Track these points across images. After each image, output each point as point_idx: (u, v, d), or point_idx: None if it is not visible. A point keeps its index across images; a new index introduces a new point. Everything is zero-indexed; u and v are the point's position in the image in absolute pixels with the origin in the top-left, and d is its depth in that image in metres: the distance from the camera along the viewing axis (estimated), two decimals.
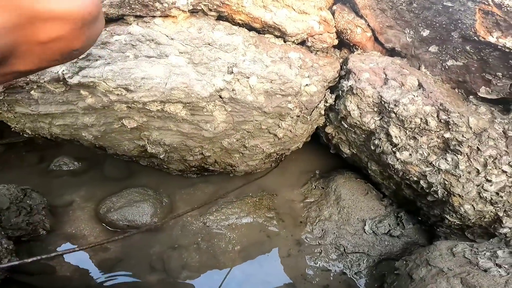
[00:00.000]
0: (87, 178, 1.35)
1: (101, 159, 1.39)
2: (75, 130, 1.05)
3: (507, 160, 0.78)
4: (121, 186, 1.30)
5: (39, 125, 1.07)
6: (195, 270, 1.14)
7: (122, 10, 0.87)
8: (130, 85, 0.89)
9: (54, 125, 1.05)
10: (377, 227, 1.06)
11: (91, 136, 1.06)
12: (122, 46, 0.90)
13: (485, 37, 0.78)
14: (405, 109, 0.85)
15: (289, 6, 1.00)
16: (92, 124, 1.02)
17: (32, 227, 1.17)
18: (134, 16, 0.89)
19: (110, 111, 0.98)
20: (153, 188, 1.27)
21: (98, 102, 0.95)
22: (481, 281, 0.70)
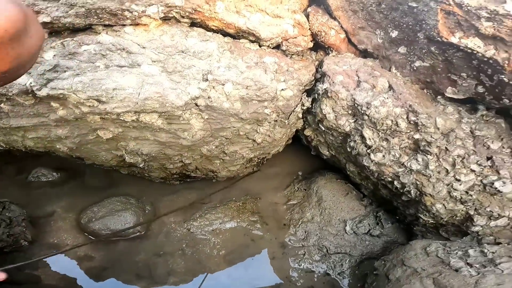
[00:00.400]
0: (67, 189, 1.33)
1: (81, 168, 1.37)
2: (49, 143, 1.03)
3: (475, 159, 0.80)
4: (102, 195, 1.29)
5: (13, 138, 1.04)
6: (181, 276, 1.14)
7: (89, 20, 0.84)
8: (101, 96, 0.88)
9: (27, 138, 1.02)
10: (358, 227, 1.08)
11: (66, 148, 1.04)
12: (91, 56, 0.88)
13: (448, 37, 0.79)
14: (377, 112, 0.86)
15: (263, 11, 0.99)
16: (66, 136, 1.00)
17: (13, 239, 1.16)
18: (103, 25, 0.87)
19: (83, 122, 0.96)
20: (135, 196, 1.26)
21: (70, 114, 0.93)
22: (452, 281, 0.71)
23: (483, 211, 0.80)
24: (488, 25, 0.71)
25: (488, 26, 0.71)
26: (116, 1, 0.85)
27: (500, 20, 0.70)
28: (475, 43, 0.74)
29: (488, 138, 0.81)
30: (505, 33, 0.70)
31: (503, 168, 0.78)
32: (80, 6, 0.81)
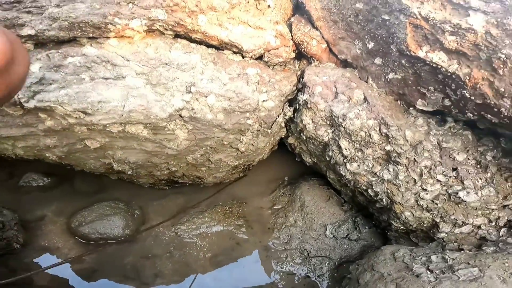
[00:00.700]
0: (57, 193, 1.38)
1: (71, 174, 1.41)
2: (38, 151, 1.08)
3: (441, 170, 0.85)
4: (92, 200, 1.34)
5: (3, 147, 1.09)
6: (168, 277, 1.20)
7: (73, 33, 0.88)
8: (87, 108, 0.92)
9: (17, 147, 1.07)
10: (337, 231, 1.13)
11: (55, 157, 1.09)
12: (76, 68, 0.92)
13: (416, 51, 0.83)
14: (352, 123, 0.91)
15: (245, 23, 1.04)
16: (55, 145, 1.05)
17: (6, 242, 1.21)
18: (87, 37, 0.91)
19: (71, 132, 0.99)
20: (125, 201, 1.31)
21: (58, 125, 0.97)
22: (412, 286, 0.76)
23: (448, 219, 0.87)
24: (452, 39, 0.76)
25: (451, 40, 0.76)
26: (99, 15, 0.89)
27: (463, 34, 0.74)
28: (440, 57, 0.79)
29: (454, 150, 0.86)
30: (468, 47, 0.75)
31: (467, 178, 0.84)
32: (63, 19, 0.85)
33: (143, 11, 0.89)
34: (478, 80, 0.74)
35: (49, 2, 0.89)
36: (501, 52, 0.69)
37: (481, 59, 0.73)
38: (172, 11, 0.91)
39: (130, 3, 0.91)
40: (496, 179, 0.85)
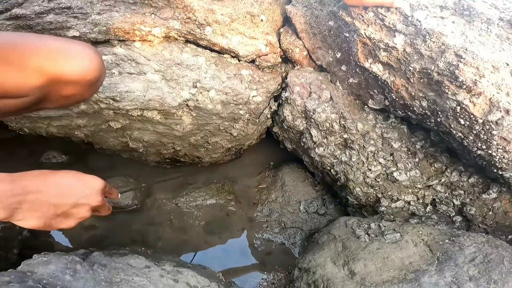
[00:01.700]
0: (74, 169, 1.78)
1: (86, 153, 1.83)
2: (69, 130, 1.51)
3: (382, 154, 1.28)
4: (104, 176, 1.71)
5: (38, 125, 1.50)
6: (168, 241, 1.61)
7: (108, 36, 1.30)
8: (116, 96, 1.36)
9: (52, 126, 1.50)
10: (309, 207, 1.57)
11: (83, 135, 1.53)
12: (108, 64, 1.35)
13: (364, 63, 1.22)
14: (319, 116, 1.33)
15: (242, 33, 1.48)
16: (84, 125, 1.48)
17: None
18: (118, 40, 1.34)
19: (99, 115, 1.43)
20: (133, 177, 1.76)
21: (90, 109, 1.41)
22: (352, 244, 1.18)
23: (387, 195, 1.30)
24: (384, 55, 1.16)
25: (384, 55, 1.16)
26: (129, 23, 1.32)
27: (390, 50, 1.13)
28: (378, 68, 1.20)
29: (392, 139, 1.30)
30: (393, 61, 1.15)
31: (400, 162, 1.28)
32: (102, 25, 1.29)
33: (163, 21, 1.33)
34: (399, 86, 1.17)
35: (92, 10, 1.31)
36: (411, 65, 1.10)
37: (401, 70, 1.15)
38: (185, 23, 1.35)
39: (153, 14, 1.35)
40: (422, 164, 1.29)
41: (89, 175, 0.78)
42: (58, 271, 0.98)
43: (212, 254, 1.61)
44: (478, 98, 0.97)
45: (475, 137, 1.03)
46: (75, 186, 0.75)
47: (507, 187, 1.13)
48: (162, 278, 1.17)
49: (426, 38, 1.04)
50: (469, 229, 1.22)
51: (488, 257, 1.03)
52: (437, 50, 1.03)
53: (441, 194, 1.26)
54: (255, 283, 1.52)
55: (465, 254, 1.05)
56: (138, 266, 1.20)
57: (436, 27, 1.02)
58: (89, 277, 1.01)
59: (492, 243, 1.06)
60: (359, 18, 1.19)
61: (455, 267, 1.04)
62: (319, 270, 1.24)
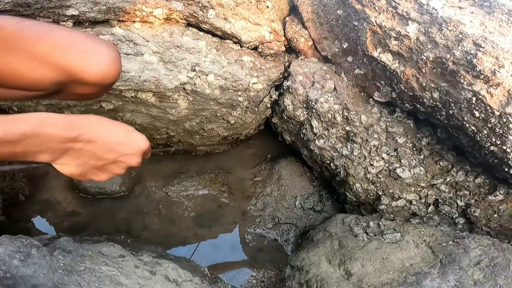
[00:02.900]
0: None
1: None
2: (59, 109, 1.44)
3: (385, 149, 1.23)
4: None
5: (27, 104, 1.44)
6: (154, 231, 1.55)
7: (107, 16, 1.25)
8: None
9: (41, 104, 1.43)
10: (305, 202, 1.52)
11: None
12: None
13: (372, 52, 1.19)
14: (321, 107, 1.29)
15: (246, 19, 1.42)
16: (75, 105, 1.41)
17: (14, 192, 1.53)
18: (118, 20, 1.29)
19: None
20: None
21: None
22: (350, 242, 1.14)
23: (388, 192, 1.25)
24: (395, 43, 1.13)
25: (395, 44, 1.13)
26: (131, 2, 1.26)
27: (402, 39, 1.11)
28: (387, 57, 1.17)
29: (397, 134, 1.25)
30: (404, 50, 1.12)
31: (404, 158, 1.23)
32: (103, 4, 1.23)
33: (165, 2, 1.27)
34: (409, 77, 1.13)
35: None
36: (424, 55, 1.07)
37: (412, 59, 1.11)
38: (188, 5, 1.29)
39: None
40: (427, 161, 1.24)
41: (138, 133, 0.75)
42: (5, 255, 0.88)
43: (200, 248, 1.54)
44: (496, 89, 0.93)
45: (489, 131, 0.99)
46: (122, 143, 0.72)
47: None
48: (137, 269, 1.08)
49: (443, 27, 1.01)
50: (471, 232, 1.17)
51: (494, 261, 0.98)
52: (453, 39, 0.99)
53: (445, 194, 1.21)
54: (243, 280, 1.47)
55: (470, 257, 1.00)
56: (111, 254, 1.11)
57: (454, 16, 0.98)
58: (44, 263, 0.92)
59: (498, 246, 1.01)
60: (370, 5, 1.14)
61: (459, 271, 0.99)
62: (313, 269, 1.18)
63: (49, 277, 0.88)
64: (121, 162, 0.75)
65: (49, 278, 0.88)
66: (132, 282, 1.01)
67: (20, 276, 0.85)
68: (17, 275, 0.84)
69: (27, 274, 0.86)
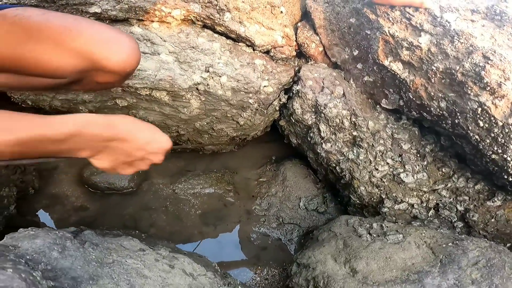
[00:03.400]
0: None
1: None
2: (74, 104, 1.49)
3: (390, 155, 1.31)
4: None
5: (42, 98, 1.48)
6: (161, 228, 1.61)
7: (128, 14, 1.31)
8: None
9: (57, 99, 1.47)
10: (309, 204, 1.58)
11: (87, 110, 1.50)
12: None
13: (383, 61, 1.26)
14: (330, 111, 1.36)
15: (260, 23, 1.49)
16: (90, 101, 1.46)
17: (24, 185, 1.56)
18: (137, 19, 1.34)
19: (107, 92, 1.41)
20: None
21: None
22: (354, 242, 1.20)
23: (391, 196, 1.32)
24: (406, 53, 1.20)
25: (406, 54, 1.20)
26: (152, 2, 1.32)
27: (414, 49, 1.18)
28: (398, 66, 1.24)
29: (402, 140, 1.32)
30: (415, 60, 1.19)
31: (408, 163, 1.30)
32: (125, 3, 1.28)
33: (184, 3, 1.33)
34: (418, 86, 1.21)
35: None
36: (434, 65, 1.14)
37: (422, 69, 1.19)
38: (206, 7, 1.35)
39: None
40: (429, 167, 1.32)
41: (162, 134, 0.83)
42: (45, 247, 0.90)
43: (206, 245, 1.60)
44: (500, 100, 1.01)
45: (492, 140, 1.06)
46: (150, 142, 0.80)
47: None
48: (157, 263, 1.13)
49: (454, 39, 1.08)
50: (469, 235, 1.25)
51: (490, 262, 1.05)
52: (464, 51, 1.06)
53: (445, 199, 1.28)
54: (248, 277, 1.52)
55: (469, 257, 1.07)
56: (132, 248, 1.15)
57: (466, 29, 1.06)
58: (79, 255, 0.95)
59: (495, 248, 1.08)
60: (384, 16, 1.22)
61: (458, 270, 1.05)
62: (319, 266, 1.24)
63: (85, 269, 0.92)
64: (147, 159, 0.83)
65: (85, 270, 0.91)
66: (154, 275, 1.07)
67: (59, 269, 0.87)
68: (57, 267, 0.87)
69: (65, 266, 0.89)
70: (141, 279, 1.01)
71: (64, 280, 0.86)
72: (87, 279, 0.89)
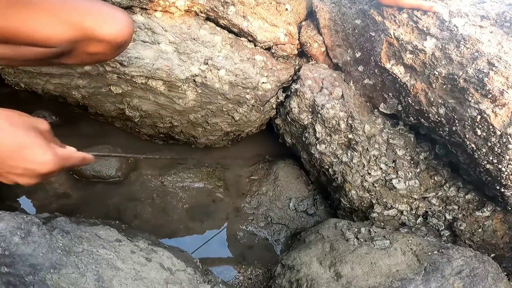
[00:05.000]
0: (62, 132, 1.73)
1: (77, 117, 1.83)
2: (67, 89, 1.54)
3: (384, 160, 1.38)
4: (92, 143, 1.75)
5: (36, 81, 1.53)
6: (145, 220, 1.66)
7: (132, 2, 1.36)
8: (124, 61, 1.40)
9: (50, 83, 1.52)
10: (299, 205, 1.66)
11: (80, 95, 1.56)
12: None
13: (385, 63, 1.32)
14: (327, 112, 1.43)
15: (264, 19, 1.55)
16: (84, 86, 1.52)
17: None
18: (140, 8, 1.40)
19: (102, 78, 1.47)
20: (122, 148, 1.79)
21: (94, 70, 1.44)
22: (341, 246, 1.28)
23: (381, 201, 1.39)
24: (410, 57, 1.26)
25: (409, 58, 1.26)
26: None
27: (417, 53, 1.24)
28: (399, 70, 1.30)
29: (397, 146, 1.40)
30: (418, 64, 1.25)
31: (401, 170, 1.38)
32: None
33: None
34: (418, 90, 1.27)
35: None
36: (437, 70, 1.20)
37: (424, 74, 1.25)
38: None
39: None
40: (422, 175, 1.39)
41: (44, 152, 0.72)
42: (7, 231, 0.91)
43: (191, 240, 1.65)
44: (501, 109, 1.07)
45: (488, 149, 1.13)
46: (13, 157, 0.70)
47: (503, 207, 1.24)
48: (133, 255, 1.16)
49: (460, 44, 1.15)
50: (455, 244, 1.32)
51: (474, 271, 1.13)
52: (469, 57, 1.12)
53: (434, 207, 1.36)
54: (231, 276, 1.58)
55: (453, 266, 1.15)
56: (108, 238, 1.18)
57: (474, 34, 1.13)
58: (44, 242, 0.96)
59: (479, 258, 1.16)
60: (390, 18, 1.29)
61: (441, 279, 1.13)
62: (304, 268, 1.31)
63: (47, 256, 0.93)
64: (7, 175, 0.72)
65: (48, 258, 0.93)
66: (128, 267, 1.08)
67: (18, 255, 0.88)
68: (16, 253, 0.88)
69: (26, 253, 0.90)
70: (111, 270, 1.03)
71: (21, 267, 0.86)
72: (47, 267, 0.91)
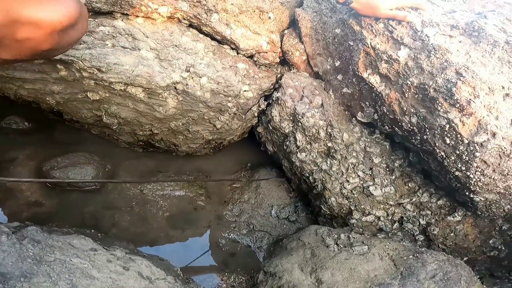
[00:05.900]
0: (34, 139, 1.77)
1: (52, 123, 1.83)
2: (41, 94, 1.55)
3: (362, 168, 1.48)
4: (67, 150, 1.74)
5: (8, 86, 1.53)
6: (123, 228, 1.67)
7: (113, 7, 1.39)
8: (102, 67, 1.43)
9: (23, 88, 1.52)
10: (280, 212, 1.73)
11: (54, 102, 1.57)
12: (104, 35, 1.43)
13: (362, 73, 1.41)
14: (307, 121, 1.51)
15: (247, 27, 1.62)
16: (59, 92, 1.53)
17: None
18: (122, 13, 1.43)
19: (78, 84, 1.49)
20: (99, 155, 1.80)
21: (70, 76, 1.46)
22: (321, 252, 1.36)
23: (359, 208, 1.49)
24: (385, 66, 1.34)
25: (384, 67, 1.34)
26: None
27: (392, 63, 1.33)
28: (375, 79, 1.39)
29: (374, 154, 1.50)
30: (392, 74, 1.34)
31: (378, 177, 1.48)
32: None
33: (172, 0, 1.44)
34: (393, 100, 1.37)
35: None
36: (409, 80, 1.29)
37: (398, 83, 1.34)
38: (194, 6, 1.48)
39: None
40: (397, 181, 1.50)
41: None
42: None
43: (172, 248, 1.69)
44: (468, 118, 1.16)
45: (457, 157, 1.23)
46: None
47: (473, 211, 1.35)
48: (110, 264, 1.17)
49: (431, 54, 1.24)
50: (429, 248, 1.43)
51: (447, 275, 1.23)
52: (438, 66, 1.22)
53: (409, 213, 1.47)
54: (214, 284, 1.64)
55: (427, 270, 1.24)
56: (82, 247, 1.19)
57: (443, 44, 1.21)
58: (14, 251, 0.97)
59: (452, 261, 1.26)
60: (368, 27, 1.38)
61: (416, 283, 1.22)
62: (286, 275, 1.38)
63: (17, 265, 0.94)
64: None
65: (18, 267, 0.94)
66: (104, 276, 1.10)
67: None
68: None
69: None
70: (86, 279, 1.05)
71: None
72: (17, 276, 0.92)
